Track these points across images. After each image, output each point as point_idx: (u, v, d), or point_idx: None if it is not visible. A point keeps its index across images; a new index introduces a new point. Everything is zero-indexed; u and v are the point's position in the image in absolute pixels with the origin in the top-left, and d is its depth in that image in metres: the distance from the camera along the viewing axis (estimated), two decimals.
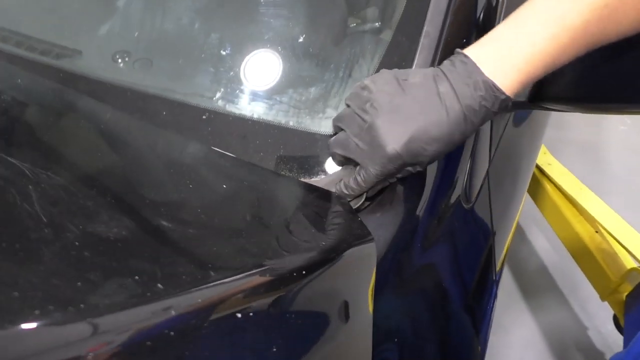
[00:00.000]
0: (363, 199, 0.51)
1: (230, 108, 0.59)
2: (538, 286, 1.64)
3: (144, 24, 0.66)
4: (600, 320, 1.50)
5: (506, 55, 0.46)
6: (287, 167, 0.54)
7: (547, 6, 0.45)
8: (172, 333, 0.25)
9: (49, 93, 0.57)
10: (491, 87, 0.45)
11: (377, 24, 0.66)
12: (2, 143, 0.44)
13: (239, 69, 0.61)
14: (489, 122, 0.66)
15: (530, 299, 1.59)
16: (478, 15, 0.61)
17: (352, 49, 0.62)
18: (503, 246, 0.80)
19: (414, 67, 0.57)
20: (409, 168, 0.48)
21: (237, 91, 0.60)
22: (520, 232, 1.79)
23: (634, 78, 0.53)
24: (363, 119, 0.47)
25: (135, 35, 0.65)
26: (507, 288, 1.61)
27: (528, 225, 1.81)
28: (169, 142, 0.53)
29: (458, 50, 0.48)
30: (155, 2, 0.68)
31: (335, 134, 0.53)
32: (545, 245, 1.75)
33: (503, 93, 0.46)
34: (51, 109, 0.55)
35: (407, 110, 0.46)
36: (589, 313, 1.54)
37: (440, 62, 0.50)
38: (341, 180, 0.51)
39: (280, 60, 0.62)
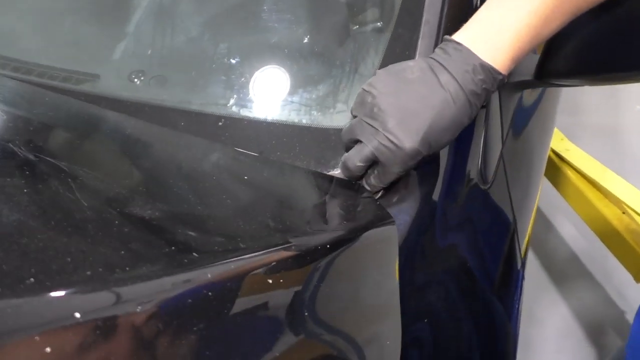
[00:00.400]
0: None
1: (245, 112, 0.61)
2: (569, 274, 1.60)
3: (155, 43, 0.69)
4: (637, 303, 1.46)
5: (496, 35, 0.47)
6: (305, 162, 0.56)
7: None
8: (210, 293, 0.27)
9: (76, 108, 0.60)
10: (489, 70, 0.47)
11: (379, 23, 0.68)
12: (40, 148, 0.47)
13: (250, 75, 0.64)
14: (498, 103, 0.67)
15: (562, 288, 1.56)
16: None
17: (356, 45, 0.64)
18: (526, 228, 0.80)
19: (417, 55, 0.59)
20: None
21: (250, 96, 0.63)
22: (545, 221, 1.76)
23: (635, 42, 0.54)
24: (373, 126, 0.47)
25: (148, 53, 0.68)
26: (537, 279, 1.58)
27: (553, 215, 1.78)
28: (193, 142, 0.56)
29: (447, 37, 0.49)
30: (164, 21, 0.72)
31: (348, 149, 0.51)
32: (573, 232, 1.71)
33: (500, 73, 0.47)
34: (79, 120, 0.58)
35: (415, 107, 0.47)
36: (624, 296, 1.50)
37: None
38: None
39: (289, 63, 0.64)
